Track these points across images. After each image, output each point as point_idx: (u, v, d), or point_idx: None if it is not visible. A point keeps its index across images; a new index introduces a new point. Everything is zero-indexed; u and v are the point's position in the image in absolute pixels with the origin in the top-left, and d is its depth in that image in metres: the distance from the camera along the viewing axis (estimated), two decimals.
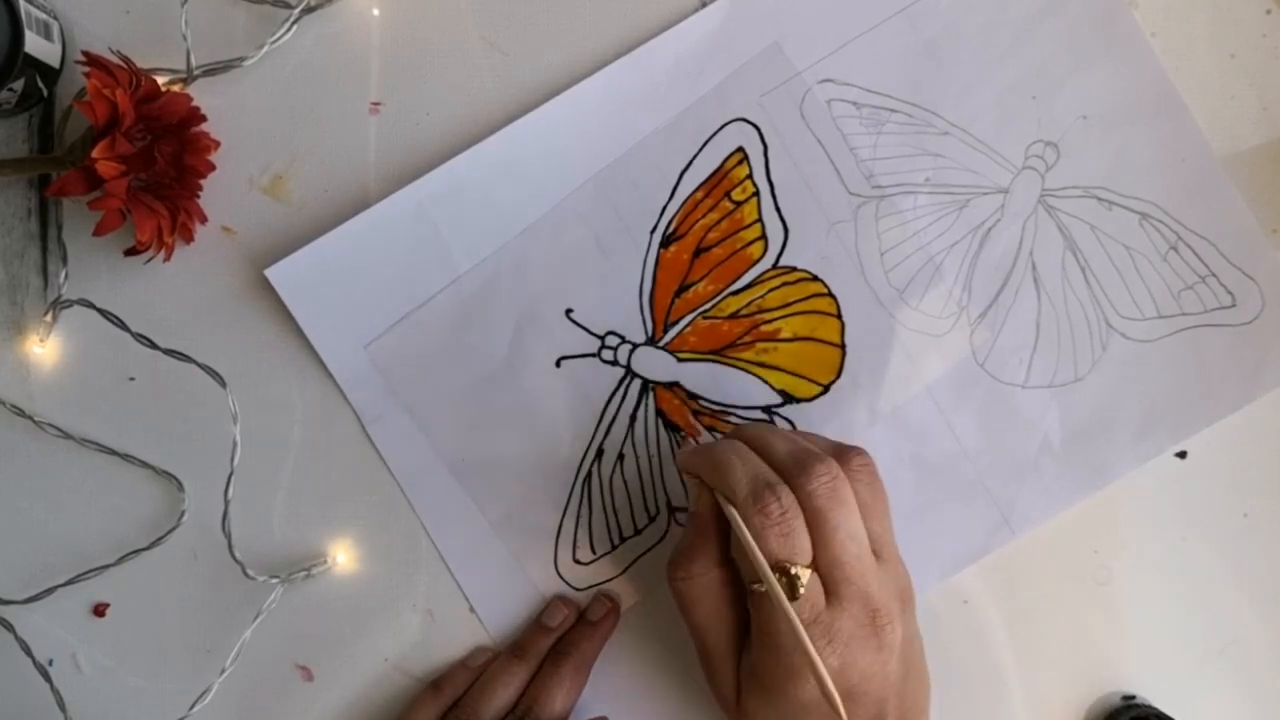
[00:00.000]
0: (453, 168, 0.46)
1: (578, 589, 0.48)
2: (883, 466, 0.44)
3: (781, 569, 0.36)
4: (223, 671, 0.46)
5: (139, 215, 0.41)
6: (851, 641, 0.37)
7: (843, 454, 0.39)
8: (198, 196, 0.45)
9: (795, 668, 0.37)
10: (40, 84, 0.44)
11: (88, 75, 0.40)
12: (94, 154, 0.40)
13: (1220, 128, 0.47)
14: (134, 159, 0.41)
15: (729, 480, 0.38)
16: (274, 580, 0.46)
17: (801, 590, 0.36)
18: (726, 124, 0.46)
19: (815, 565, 0.37)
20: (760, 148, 0.47)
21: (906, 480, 0.47)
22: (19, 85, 0.42)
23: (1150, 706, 0.47)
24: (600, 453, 0.47)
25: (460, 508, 0.47)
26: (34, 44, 0.42)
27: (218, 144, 0.45)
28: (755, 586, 0.37)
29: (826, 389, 0.47)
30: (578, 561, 0.48)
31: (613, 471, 0.47)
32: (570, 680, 0.46)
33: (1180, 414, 0.48)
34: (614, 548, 0.48)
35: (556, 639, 0.47)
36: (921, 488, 0.47)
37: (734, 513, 0.37)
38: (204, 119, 0.45)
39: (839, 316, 0.47)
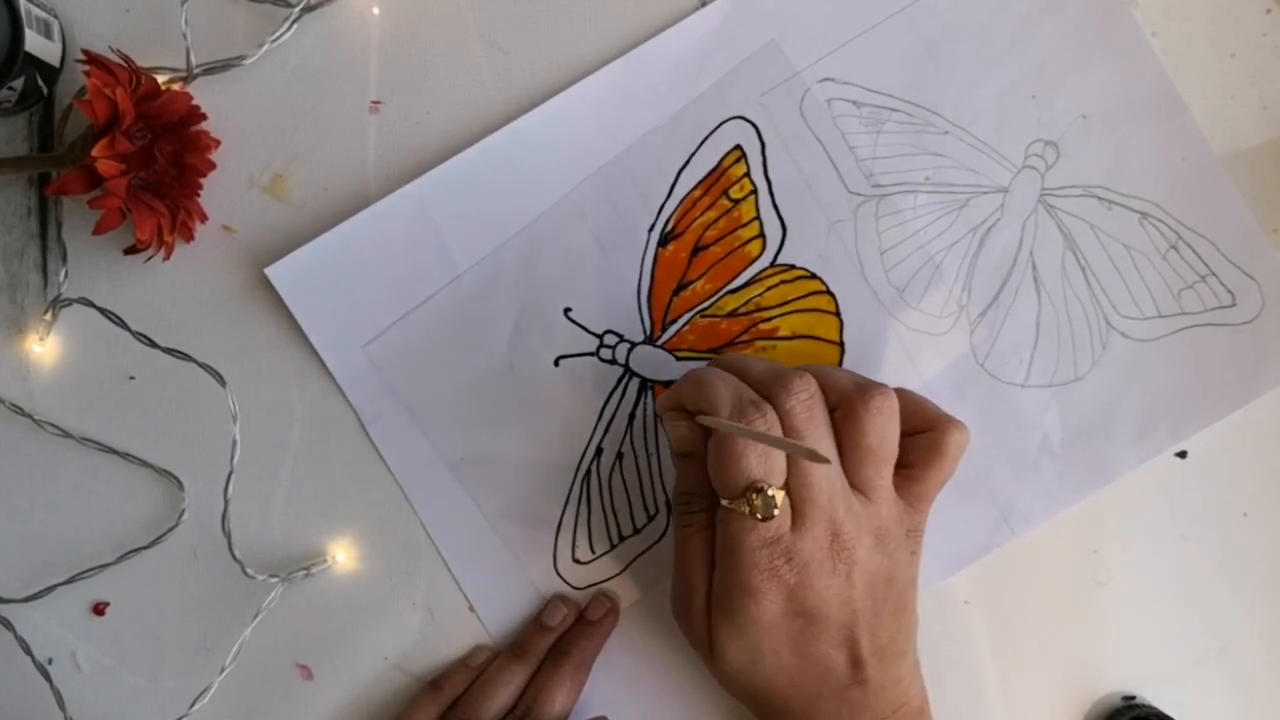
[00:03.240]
0: (453, 166, 0.46)
1: (577, 588, 0.48)
2: None
3: (757, 489, 0.37)
4: (222, 670, 0.46)
5: (139, 214, 0.41)
6: (810, 562, 0.38)
7: (862, 391, 0.39)
8: (198, 195, 0.45)
9: (754, 585, 0.38)
10: (40, 82, 0.44)
11: (88, 74, 0.40)
12: (94, 152, 0.40)
13: (1220, 127, 0.47)
14: (134, 158, 0.42)
15: (713, 399, 0.38)
16: (274, 579, 0.46)
17: (776, 512, 0.37)
18: (724, 122, 0.46)
19: (786, 485, 0.38)
20: (758, 145, 0.47)
21: None
22: (19, 84, 0.42)
23: (1150, 707, 0.47)
24: (599, 451, 0.47)
25: (459, 506, 0.47)
26: (34, 42, 0.42)
27: (218, 143, 0.45)
28: (725, 503, 0.38)
29: None
30: (577, 560, 0.48)
31: (612, 470, 0.47)
32: (570, 680, 0.46)
33: (1180, 413, 0.48)
34: (613, 546, 0.48)
35: (556, 638, 0.47)
36: None
37: (721, 420, 0.37)
38: (204, 117, 0.45)
39: (838, 315, 0.47)
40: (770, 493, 0.37)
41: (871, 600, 0.40)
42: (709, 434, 0.39)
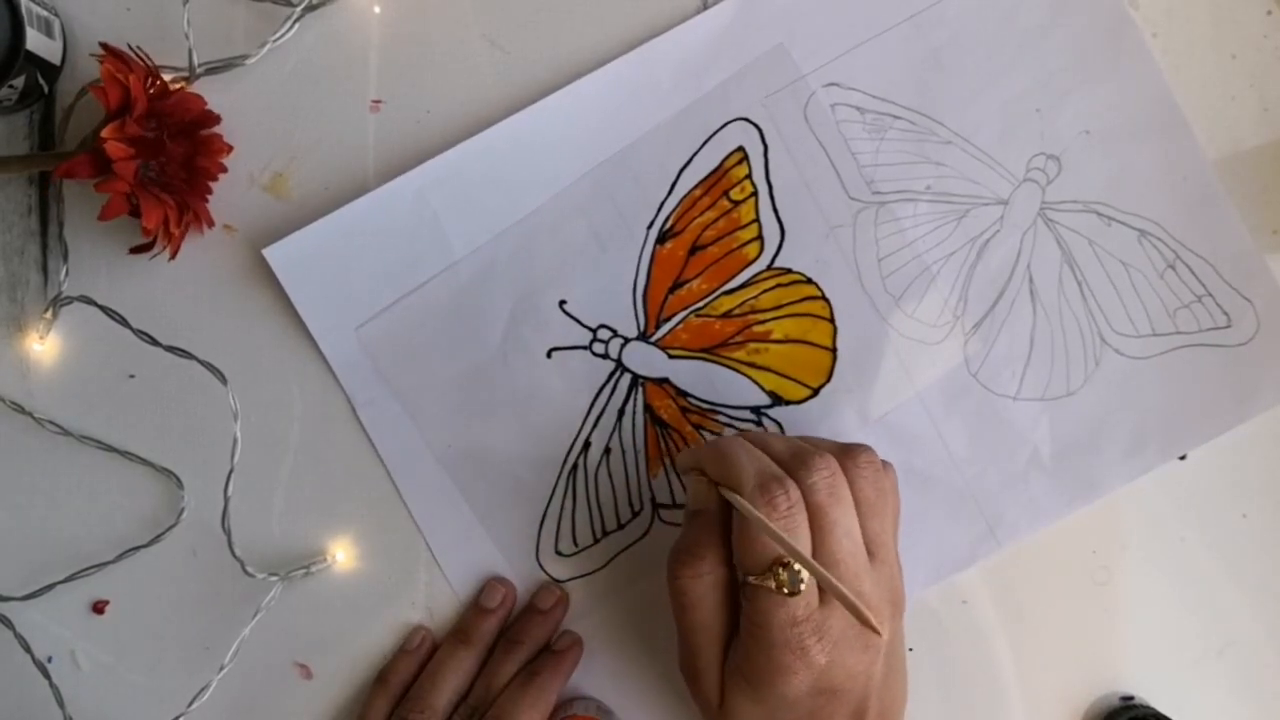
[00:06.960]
0: (454, 155, 0.46)
1: (559, 580, 0.48)
2: None
3: (783, 564, 0.36)
4: (221, 669, 0.46)
5: (145, 202, 0.41)
6: (841, 641, 0.37)
7: (847, 451, 0.39)
8: (207, 199, 0.45)
9: (784, 663, 0.37)
10: (41, 81, 0.44)
11: (101, 60, 0.40)
12: (103, 134, 0.39)
13: (1221, 129, 0.47)
14: (143, 144, 0.41)
15: (736, 473, 0.38)
16: (273, 578, 0.46)
17: (803, 587, 0.36)
18: (728, 123, 0.46)
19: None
20: (760, 148, 0.47)
21: None
22: (20, 82, 0.42)
23: (1149, 707, 0.47)
24: (587, 445, 0.47)
25: (446, 496, 0.47)
26: (35, 41, 0.42)
27: (230, 148, 0.45)
28: (751, 579, 0.37)
29: (816, 392, 0.47)
30: (560, 553, 0.48)
31: (598, 464, 0.47)
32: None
33: (1171, 432, 0.47)
34: (596, 541, 0.48)
35: (503, 624, 0.47)
36: (908, 495, 0.47)
37: (745, 504, 0.37)
38: (218, 120, 0.45)
39: (832, 320, 0.47)
40: (797, 567, 0.36)
41: (885, 668, 0.39)
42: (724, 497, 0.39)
